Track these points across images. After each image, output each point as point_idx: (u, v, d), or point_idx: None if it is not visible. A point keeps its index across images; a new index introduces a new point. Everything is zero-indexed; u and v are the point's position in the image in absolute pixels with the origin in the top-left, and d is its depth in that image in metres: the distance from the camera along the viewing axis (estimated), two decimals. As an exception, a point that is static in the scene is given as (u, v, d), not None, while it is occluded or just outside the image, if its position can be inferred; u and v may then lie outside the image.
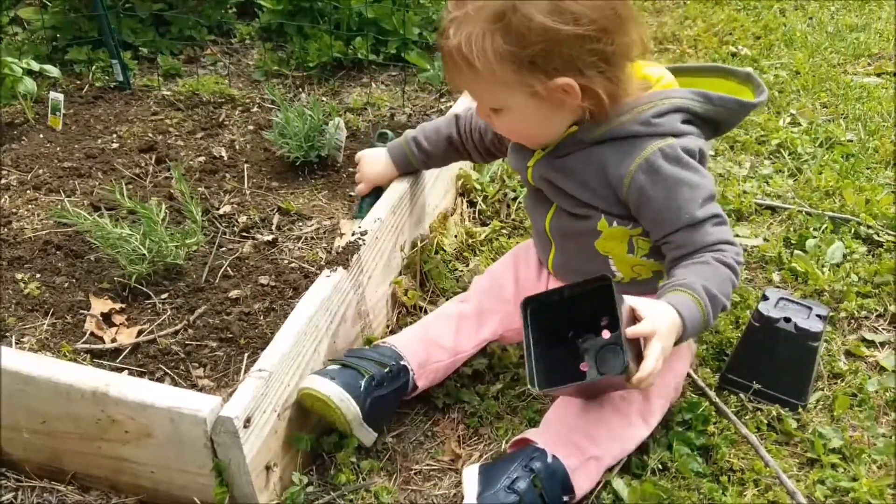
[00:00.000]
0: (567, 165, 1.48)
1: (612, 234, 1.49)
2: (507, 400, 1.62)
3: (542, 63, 1.31)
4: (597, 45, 1.31)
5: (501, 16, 1.29)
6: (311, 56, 3.00)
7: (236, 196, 2.27)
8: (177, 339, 1.75)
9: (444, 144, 1.83)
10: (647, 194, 1.40)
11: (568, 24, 1.28)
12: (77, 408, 1.35)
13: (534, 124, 1.43)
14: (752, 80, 1.52)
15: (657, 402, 1.44)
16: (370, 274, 1.73)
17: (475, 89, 1.43)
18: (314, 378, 1.45)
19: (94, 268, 1.97)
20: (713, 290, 1.36)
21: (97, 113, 2.77)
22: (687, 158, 1.40)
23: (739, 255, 1.43)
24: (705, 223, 1.40)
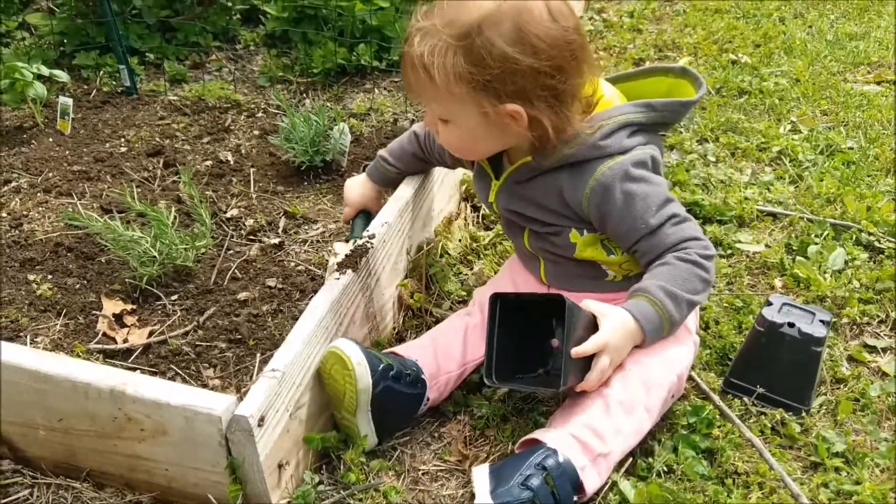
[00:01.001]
0: (527, 194, 1.57)
1: (585, 242, 1.57)
2: (513, 403, 1.64)
3: (496, 87, 1.38)
4: (550, 80, 1.39)
5: (466, 35, 1.36)
6: (315, 62, 3.03)
7: (243, 200, 2.30)
8: (187, 339, 1.78)
9: (411, 159, 1.92)
10: (604, 213, 1.49)
11: (527, 56, 1.36)
12: (94, 406, 1.37)
13: (475, 140, 1.51)
14: (689, 73, 1.61)
15: (660, 392, 1.47)
16: (378, 277, 1.75)
17: (428, 98, 1.48)
18: (342, 339, 1.49)
19: (105, 269, 1.99)
20: (672, 289, 1.44)
21: (105, 117, 2.80)
22: (636, 172, 1.48)
23: (707, 248, 1.49)
24: (662, 227, 1.48)
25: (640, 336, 1.45)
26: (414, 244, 1.97)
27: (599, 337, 1.41)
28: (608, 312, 1.45)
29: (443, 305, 1.89)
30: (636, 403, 1.44)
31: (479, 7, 1.37)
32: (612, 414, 1.42)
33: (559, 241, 1.58)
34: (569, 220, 1.55)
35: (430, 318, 1.86)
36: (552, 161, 1.49)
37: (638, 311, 1.44)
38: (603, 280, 1.63)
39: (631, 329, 1.44)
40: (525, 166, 1.54)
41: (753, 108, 2.82)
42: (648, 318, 1.44)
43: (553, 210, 1.55)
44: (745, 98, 2.89)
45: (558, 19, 1.39)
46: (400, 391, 1.51)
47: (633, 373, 1.47)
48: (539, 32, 1.37)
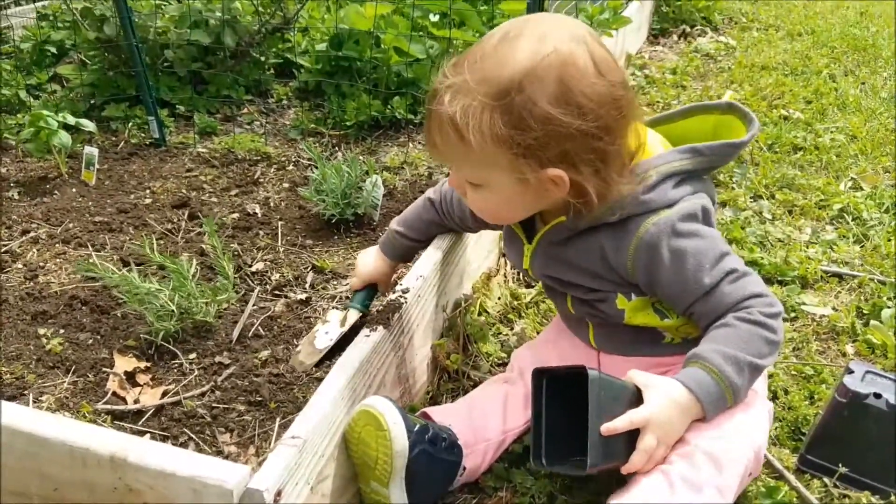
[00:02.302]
0: (565, 257, 1.40)
1: (635, 308, 1.39)
2: (561, 479, 1.46)
3: (537, 151, 1.22)
4: (597, 142, 1.23)
5: (505, 94, 1.20)
6: (348, 115, 2.95)
7: (269, 253, 2.18)
8: (203, 401, 1.63)
9: (428, 228, 1.77)
10: (653, 275, 1.32)
11: (573, 116, 1.20)
12: (92, 474, 1.22)
13: (508, 206, 1.35)
14: (736, 109, 1.44)
15: (734, 469, 1.27)
16: (411, 335, 1.61)
17: (459, 161, 1.32)
18: (374, 397, 1.34)
19: (120, 324, 1.87)
20: (732, 353, 1.27)
21: (131, 169, 2.72)
22: (684, 227, 1.30)
23: (772, 305, 1.31)
24: (720, 286, 1.30)
25: (696, 409, 1.26)
26: (450, 301, 1.82)
27: (638, 412, 1.23)
28: (654, 384, 1.27)
29: (481, 368, 1.73)
30: (705, 483, 1.24)
31: (517, 61, 1.21)
32: (676, 493, 1.23)
33: (606, 308, 1.42)
34: (614, 285, 1.38)
35: (467, 382, 1.70)
36: (589, 220, 1.33)
37: (691, 381, 1.26)
38: (660, 343, 1.45)
39: (683, 402, 1.25)
40: (560, 226, 1.38)
41: (809, 165, 2.67)
42: (704, 387, 1.26)
43: (595, 273, 1.38)
44: (801, 154, 2.75)
45: (605, 74, 1.23)
46: (437, 457, 1.35)
47: (698, 449, 1.27)
48: (585, 90, 1.21)
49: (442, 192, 1.73)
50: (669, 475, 1.25)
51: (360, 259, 1.82)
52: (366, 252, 1.84)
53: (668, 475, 1.25)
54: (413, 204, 1.80)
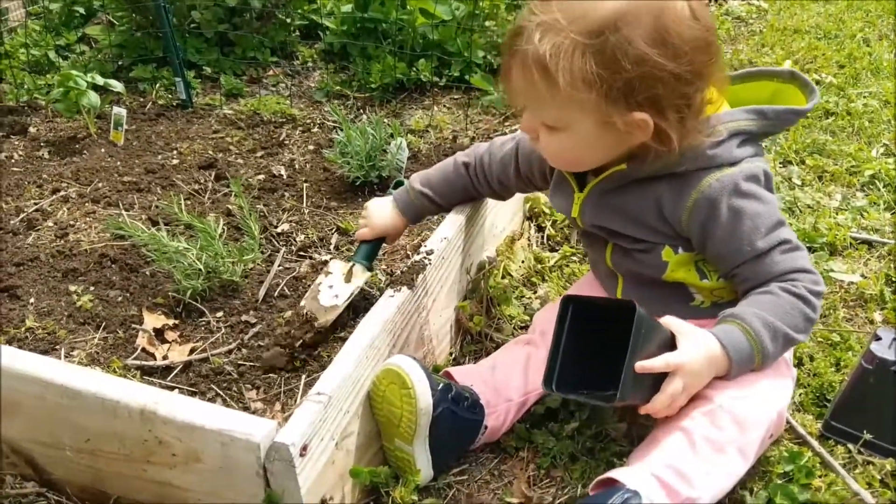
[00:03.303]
0: (618, 205, 1.38)
1: (678, 262, 1.38)
2: (582, 440, 1.47)
3: (628, 94, 1.20)
4: (687, 87, 1.22)
5: (599, 33, 1.17)
6: (373, 77, 2.94)
7: (295, 215, 2.19)
8: (230, 358, 1.66)
9: (457, 193, 1.72)
10: (707, 230, 1.31)
11: (667, 59, 1.18)
12: (123, 426, 1.25)
13: (586, 150, 1.32)
14: (798, 77, 1.41)
15: (757, 431, 1.28)
16: (434, 297, 1.62)
17: (540, 103, 1.28)
18: (398, 356, 1.36)
19: (148, 282, 1.89)
20: (771, 320, 1.27)
21: (159, 129, 2.74)
22: (746, 187, 1.29)
23: (818, 283, 1.31)
24: (771, 252, 1.30)
25: (724, 365, 1.27)
26: (474, 263, 1.82)
27: (674, 356, 1.24)
28: (690, 332, 1.27)
29: (504, 330, 1.74)
30: (727, 442, 1.25)
31: (613, 2, 1.18)
32: (698, 453, 1.24)
33: (648, 260, 1.40)
34: (663, 237, 1.37)
35: (489, 344, 1.71)
36: (651, 170, 1.32)
37: (726, 338, 1.26)
38: (688, 304, 1.45)
39: (715, 355, 1.25)
40: (618, 174, 1.35)
41: (841, 130, 2.62)
42: (738, 347, 1.26)
43: (647, 224, 1.37)
44: (832, 119, 2.69)
45: (700, 17, 1.21)
46: (460, 416, 1.37)
47: (722, 408, 1.27)
48: (683, 32, 1.19)
49: (478, 158, 1.69)
50: (692, 434, 1.25)
51: (374, 210, 1.75)
52: (378, 203, 1.77)
53: (691, 434, 1.26)
54: (439, 166, 1.75)
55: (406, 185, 1.75)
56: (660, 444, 1.27)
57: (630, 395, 1.22)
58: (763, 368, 1.31)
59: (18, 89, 2.96)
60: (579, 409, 1.52)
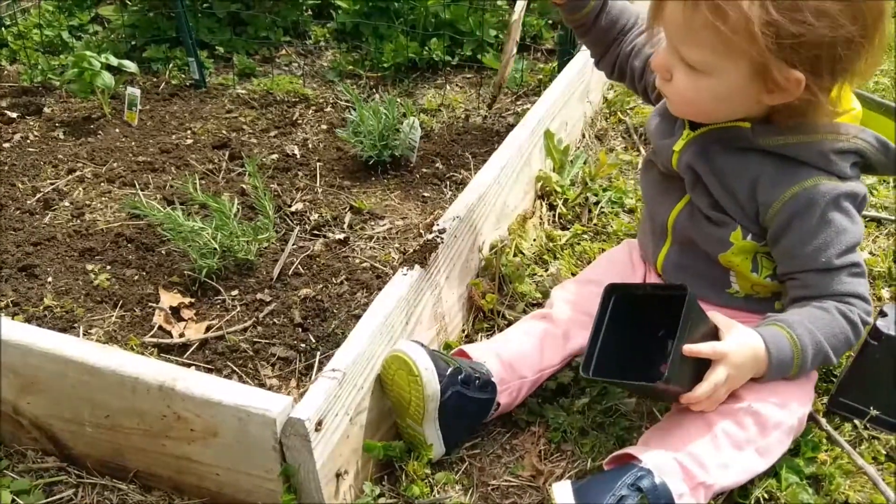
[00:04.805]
0: (719, 164, 1.34)
1: (742, 248, 1.37)
2: (593, 415, 1.49)
3: (795, 50, 1.13)
4: (853, 54, 1.16)
5: None
6: (385, 56, 2.94)
7: (308, 194, 2.21)
8: (245, 336, 1.69)
9: (613, 27, 1.55)
10: (792, 226, 1.29)
11: (847, 18, 1.12)
12: (142, 402, 1.29)
13: (725, 100, 1.26)
14: None
15: (778, 435, 1.30)
16: (447, 274, 1.63)
17: (696, 40, 1.20)
18: (406, 342, 1.37)
19: (164, 261, 1.92)
20: (819, 338, 1.28)
21: (172, 110, 2.76)
22: (846, 204, 1.29)
23: (870, 313, 1.32)
24: (841, 271, 1.30)
25: (763, 367, 1.27)
26: (486, 242, 1.84)
27: (720, 344, 1.24)
28: (737, 328, 1.27)
29: (516, 308, 1.76)
30: (747, 441, 1.27)
31: None
32: (719, 446, 1.26)
33: (716, 233, 1.37)
34: (743, 216, 1.34)
35: (501, 321, 1.73)
36: (769, 143, 1.28)
37: (772, 342, 1.26)
38: (723, 290, 1.45)
39: (759, 355, 1.26)
40: (734, 131, 1.30)
41: None
42: (781, 354, 1.26)
43: (734, 196, 1.33)
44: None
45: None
46: (470, 397, 1.38)
47: (748, 408, 1.29)
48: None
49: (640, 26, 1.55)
50: (714, 427, 1.27)
51: None
52: None
53: (713, 427, 1.27)
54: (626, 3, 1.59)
55: None
56: (681, 430, 1.29)
57: (675, 380, 1.22)
58: (795, 378, 1.33)
59: (32, 70, 2.98)
60: (590, 385, 1.54)
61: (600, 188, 2.18)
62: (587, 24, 1.56)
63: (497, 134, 2.49)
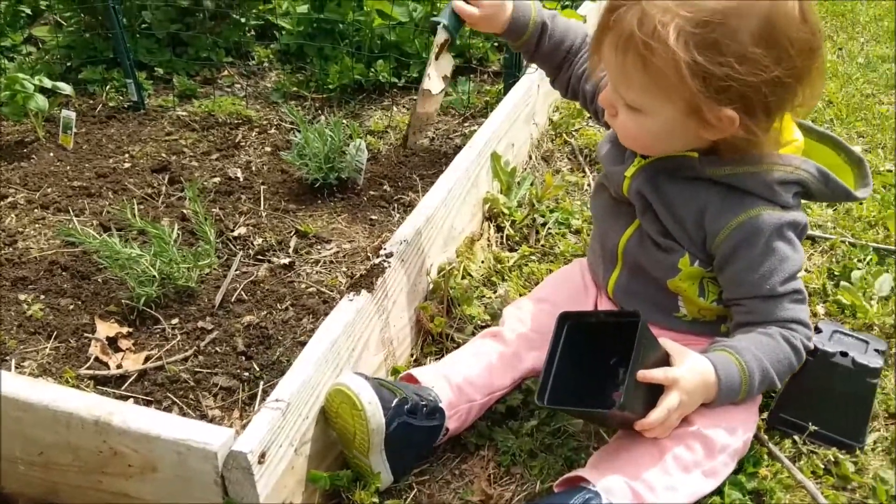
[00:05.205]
0: (667, 192, 1.36)
1: (690, 274, 1.39)
2: (541, 437, 1.49)
3: (723, 89, 1.16)
4: (784, 92, 1.19)
5: (706, 23, 1.14)
6: (331, 78, 2.92)
7: (252, 218, 2.17)
8: (186, 365, 1.64)
9: (559, 51, 1.58)
10: (738, 254, 1.32)
11: (771, 60, 1.15)
12: (77, 438, 1.23)
13: (663, 137, 1.29)
14: (863, 168, 1.41)
15: (723, 458, 1.31)
16: (395, 299, 1.62)
17: (630, 83, 1.23)
18: (349, 375, 1.34)
19: (101, 289, 1.86)
20: (766, 365, 1.30)
21: (110, 132, 2.69)
22: (789, 233, 1.32)
23: (810, 339, 1.36)
24: (784, 297, 1.33)
25: (713, 393, 1.29)
26: (434, 265, 1.83)
27: (672, 370, 1.25)
28: (688, 354, 1.29)
29: (465, 330, 1.75)
30: (694, 464, 1.28)
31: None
32: (667, 469, 1.26)
33: (665, 259, 1.39)
34: (690, 243, 1.36)
35: (450, 344, 1.72)
36: (715, 173, 1.31)
37: (723, 369, 1.28)
38: (671, 314, 1.46)
39: (709, 381, 1.27)
40: (682, 161, 1.32)
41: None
42: (730, 380, 1.28)
43: (682, 224, 1.35)
44: (779, 117, 2.75)
45: (808, 20, 1.18)
46: (417, 426, 1.36)
47: (697, 431, 1.30)
48: (791, 35, 1.16)
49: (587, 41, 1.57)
50: (662, 450, 1.28)
51: None
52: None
53: (661, 449, 1.28)
54: (567, 20, 1.61)
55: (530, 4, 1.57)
56: (628, 452, 1.29)
57: (630, 407, 1.22)
58: (741, 403, 1.35)
59: (-37, 93, 2.89)
60: (539, 407, 1.53)
61: (547, 209, 2.19)
62: (530, 50, 1.60)
63: (444, 156, 2.48)
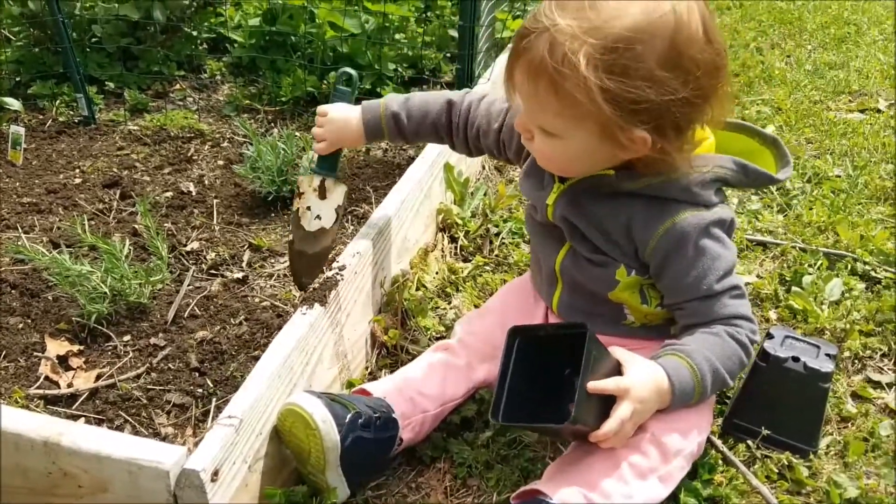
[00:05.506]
0: (591, 212, 1.38)
1: (628, 284, 1.41)
2: (497, 448, 1.50)
3: (632, 111, 1.18)
4: (692, 111, 1.22)
5: (613, 48, 1.15)
6: (283, 90, 2.91)
7: (205, 232, 2.16)
8: (139, 383, 1.62)
9: (427, 129, 1.65)
10: (670, 261, 1.34)
11: (678, 82, 1.17)
12: (26, 459, 1.21)
13: (579, 159, 1.32)
14: (779, 146, 1.44)
15: (678, 462, 1.33)
16: (348, 312, 1.62)
17: (543, 108, 1.25)
18: (300, 394, 1.34)
19: (51, 307, 1.83)
20: (716, 365, 1.32)
21: (60, 148, 2.65)
22: (715, 231, 1.34)
23: (755, 333, 1.37)
24: (722, 295, 1.35)
25: (667, 398, 1.30)
26: (388, 277, 1.83)
27: (623, 379, 1.25)
28: (639, 363, 1.29)
29: (420, 342, 1.75)
30: (650, 470, 1.29)
31: (630, 15, 1.16)
32: (623, 476, 1.27)
33: (601, 274, 1.41)
34: (623, 255, 1.38)
35: (405, 356, 1.72)
36: (634, 186, 1.33)
37: (675, 374, 1.29)
38: (620, 323, 1.48)
39: (662, 388, 1.28)
40: (600, 179, 1.34)
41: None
42: (683, 384, 1.29)
43: (612, 238, 1.38)
44: (728, 126, 2.81)
45: (713, 41, 1.20)
46: (371, 439, 1.37)
47: (651, 437, 1.31)
48: (695, 55, 1.18)
49: (465, 105, 1.63)
50: (617, 458, 1.29)
51: (335, 118, 1.64)
52: (340, 112, 1.66)
53: (616, 458, 1.29)
54: (423, 96, 1.67)
55: (379, 102, 1.65)
56: (584, 462, 1.30)
57: (582, 419, 1.22)
58: (695, 405, 1.36)
59: None
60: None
61: (501, 219, 2.21)
62: (400, 139, 1.69)
63: (398, 167, 2.49)
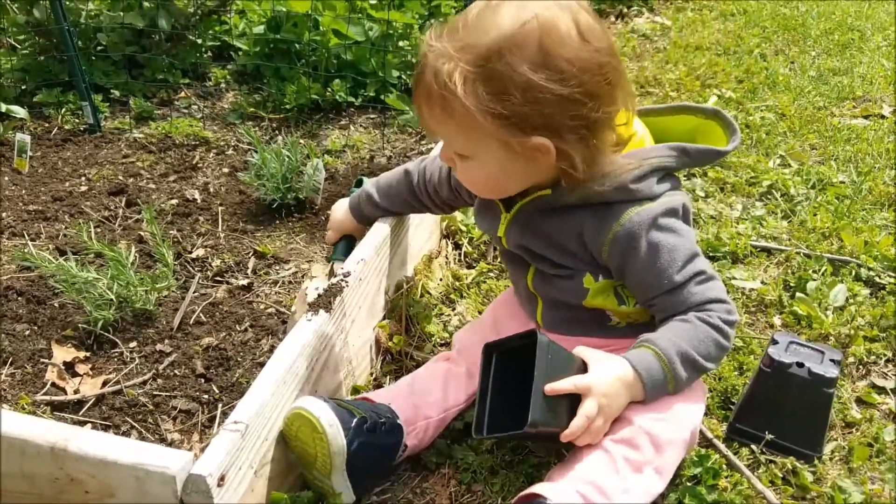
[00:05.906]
0: (543, 231, 1.41)
1: (598, 289, 1.42)
2: (502, 454, 1.50)
3: (521, 119, 1.22)
4: (581, 109, 1.23)
5: (485, 61, 1.20)
6: (288, 98, 2.93)
7: (210, 239, 2.17)
8: (145, 389, 1.63)
9: (399, 201, 1.76)
10: (626, 262, 1.35)
11: (554, 82, 1.20)
12: (32, 465, 1.22)
13: (497, 178, 1.35)
14: (721, 116, 1.45)
15: (672, 451, 1.33)
16: (353, 318, 1.62)
17: (446, 132, 1.32)
18: (307, 398, 1.35)
19: (57, 314, 1.84)
20: (684, 348, 1.32)
21: (66, 156, 2.67)
22: (664, 221, 1.34)
23: (731, 312, 1.36)
24: (686, 285, 1.35)
25: (638, 389, 1.31)
26: (392, 283, 1.84)
27: (581, 378, 1.27)
28: (600, 359, 1.31)
29: (424, 348, 1.76)
30: (645, 463, 1.30)
31: (497, 28, 1.20)
32: (619, 471, 1.28)
33: (569, 286, 1.43)
34: (584, 264, 1.40)
35: (410, 363, 1.73)
36: (574, 198, 1.34)
37: (639, 363, 1.31)
38: (606, 326, 1.49)
39: (627, 379, 1.30)
40: (542, 199, 1.37)
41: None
42: (650, 372, 1.31)
43: (569, 251, 1.40)
44: (732, 132, 2.82)
45: (589, 39, 1.23)
46: (377, 444, 1.37)
47: (641, 430, 1.31)
48: (568, 55, 1.21)
49: (420, 169, 1.71)
50: (612, 454, 1.30)
51: (334, 211, 1.87)
52: (340, 205, 1.87)
53: (611, 454, 1.30)
54: (390, 172, 1.78)
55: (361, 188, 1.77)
56: (581, 462, 1.31)
57: (543, 421, 1.23)
58: (678, 393, 1.36)
59: (-87, 116, 2.84)
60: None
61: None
62: (382, 213, 1.78)
63: (402, 174, 2.50)
